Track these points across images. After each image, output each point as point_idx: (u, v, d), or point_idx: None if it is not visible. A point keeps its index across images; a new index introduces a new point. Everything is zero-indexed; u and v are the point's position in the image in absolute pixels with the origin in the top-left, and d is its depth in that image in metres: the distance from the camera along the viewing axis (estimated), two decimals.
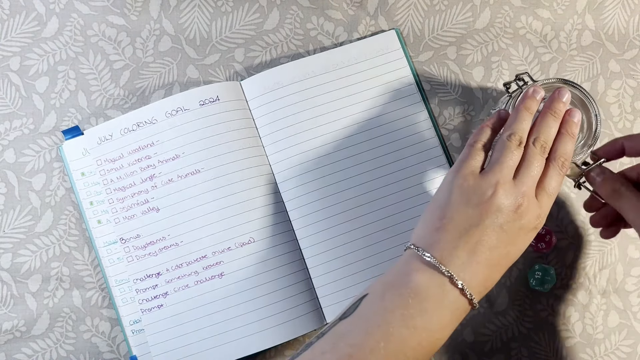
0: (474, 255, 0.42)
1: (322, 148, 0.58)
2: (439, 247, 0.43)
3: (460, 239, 0.43)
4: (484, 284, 0.43)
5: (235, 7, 0.61)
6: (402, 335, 0.41)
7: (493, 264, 0.43)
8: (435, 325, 0.42)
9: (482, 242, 0.43)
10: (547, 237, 0.56)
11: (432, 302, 0.42)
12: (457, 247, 0.42)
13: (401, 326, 0.41)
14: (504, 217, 0.43)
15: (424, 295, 0.42)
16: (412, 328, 0.41)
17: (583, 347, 0.57)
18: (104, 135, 0.57)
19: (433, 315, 0.41)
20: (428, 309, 0.41)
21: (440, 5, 0.61)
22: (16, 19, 0.60)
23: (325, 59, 0.59)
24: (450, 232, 0.43)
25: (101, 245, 0.57)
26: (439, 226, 0.44)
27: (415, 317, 0.41)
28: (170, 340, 0.55)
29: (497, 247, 0.43)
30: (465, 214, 0.43)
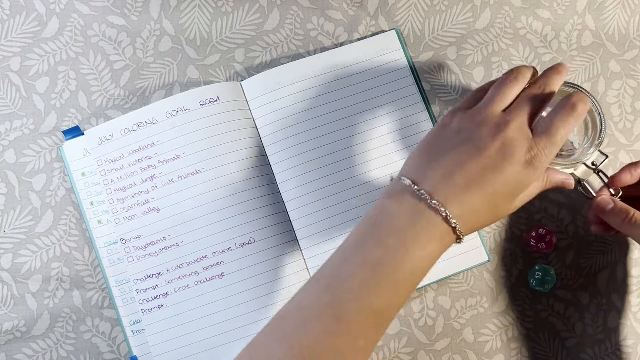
0: (449, 176, 0.41)
1: (322, 148, 0.58)
2: (410, 168, 0.43)
3: (435, 161, 0.42)
4: (460, 205, 0.41)
5: (235, 7, 0.61)
6: (377, 256, 0.40)
7: (473, 190, 0.41)
8: (409, 243, 0.41)
9: (458, 164, 0.42)
10: (547, 237, 0.56)
11: (402, 219, 0.41)
12: (431, 167, 0.42)
13: (375, 246, 0.41)
14: (482, 141, 0.42)
15: (394, 213, 0.41)
16: (386, 247, 0.41)
17: (583, 347, 0.57)
18: (104, 135, 0.57)
19: (406, 233, 0.41)
20: (399, 227, 0.41)
21: (441, 5, 0.61)
22: (16, 19, 0.60)
23: (325, 59, 0.59)
24: (424, 155, 0.43)
25: (101, 245, 0.57)
26: (415, 152, 0.44)
27: (389, 236, 0.41)
28: (170, 340, 0.55)
29: (475, 171, 0.41)
30: (441, 138, 0.43)
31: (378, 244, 0.41)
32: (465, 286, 0.57)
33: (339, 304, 0.40)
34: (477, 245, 0.57)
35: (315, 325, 0.40)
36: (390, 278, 0.40)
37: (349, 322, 0.40)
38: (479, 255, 0.57)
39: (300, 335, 0.40)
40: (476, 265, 0.57)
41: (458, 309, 0.57)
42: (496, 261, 0.58)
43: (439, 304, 0.57)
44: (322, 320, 0.40)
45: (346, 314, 0.40)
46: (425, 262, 0.42)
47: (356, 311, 0.40)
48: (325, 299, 0.40)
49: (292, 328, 0.40)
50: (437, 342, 0.57)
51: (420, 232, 0.41)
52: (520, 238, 0.58)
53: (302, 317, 0.41)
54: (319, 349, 0.39)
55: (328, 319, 0.40)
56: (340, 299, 0.40)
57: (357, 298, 0.40)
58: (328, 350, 0.39)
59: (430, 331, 0.57)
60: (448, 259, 0.56)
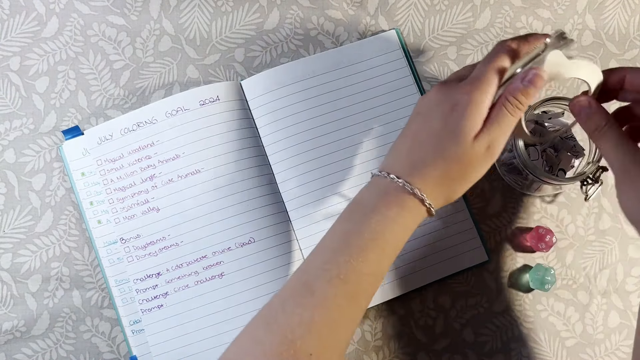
0: (403, 147, 0.46)
1: (322, 148, 0.58)
2: (383, 161, 0.47)
3: (393, 145, 0.47)
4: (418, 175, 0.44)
5: (235, 7, 0.61)
6: (344, 230, 0.45)
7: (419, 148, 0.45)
8: (369, 212, 0.44)
9: (407, 133, 0.46)
10: (547, 237, 0.56)
11: (366, 197, 0.45)
12: (390, 152, 0.47)
13: (343, 222, 0.45)
14: (422, 106, 0.46)
15: (363, 195, 0.46)
16: (352, 221, 0.45)
17: (583, 347, 0.57)
18: (104, 135, 0.57)
19: (367, 205, 0.45)
20: (364, 203, 0.45)
21: (441, 5, 0.61)
22: (16, 19, 0.60)
23: (325, 59, 0.59)
24: (393, 147, 0.47)
25: (101, 245, 0.57)
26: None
27: (355, 212, 0.45)
28: (170, 340, 0.55)
29: (418, 131, 0.45)
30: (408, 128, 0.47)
31: (347, 220, 0.45)
32: (465, 286, 0.57)
33: (312, 279, 0.43)
34: (477, 245, 0.57)
35: (292, 302, 0.43)
36: (354, 246, 0.43)
37: (320, 293, 0.42)
38: (479, 255, 0.57)
39: (279, 315, 0.42)
40: (476, 265, 0.57)
41: (458, 309, 0.57)
42: (496, 261, 0.58)
43: (439, 304, 0.57)
44: (298, 296, 0.43)
45: (318, 286, 0.42)
46: (387, 226, 0.44)
47: (326, 282, 0.42)
48: (301, 279, 0.44)
49: (273, 311, 0.43)
50: (437, 342, 0.57)
51: (378, 202, 0.45)
52: (520, 238, 0.58)
53: (283, 299, 0.43)
54: (294, 323, 0.41)
55: (303, 294, 0.43)
56: (313, 275, 0.43)
57: (326, 270, 0.43)
58: (301, 322, 0.41)
59: (430, 331, 0.57)
60: (448, 258, 0.56)
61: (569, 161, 0.54)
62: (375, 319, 0.57)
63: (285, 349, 0.40)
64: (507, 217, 0.58)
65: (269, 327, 0.42)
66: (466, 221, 0.57)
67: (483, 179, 0.58)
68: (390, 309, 0.57)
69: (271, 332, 0.41)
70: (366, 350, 0.57)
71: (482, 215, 0.58)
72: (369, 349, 0.57)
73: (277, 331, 0.41)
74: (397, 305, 0.57)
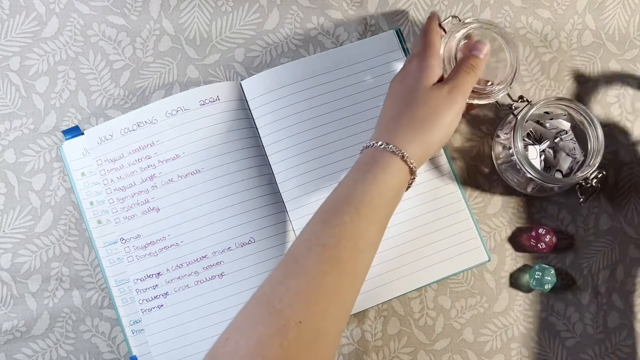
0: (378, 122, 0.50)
1: (322, 148, 0.58)
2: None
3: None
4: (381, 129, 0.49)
5: (235, 7, 0.61)
6: (327, 201, 0.46)
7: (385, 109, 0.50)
8: (346, 176, 0.47)
9: (383, 109, 0.51)
10: (547, 237, 0.56)
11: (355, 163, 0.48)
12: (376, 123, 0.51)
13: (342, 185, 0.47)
14: (392, 87, 0.52)
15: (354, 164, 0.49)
16: (334, 191, 0.47)
17: (583, 347, 0.57)
18: (104, 135, 0.57)
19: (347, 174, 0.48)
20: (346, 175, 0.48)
21: (441, 5, 0.61)
22: (16, 19, 0.60)
23: (325, 59, 0.59)
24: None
25: (101, 245, 0.57)
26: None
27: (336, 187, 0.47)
28: (170, 340, 0.55)
29: (385, 102, 0.51)
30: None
31: (330, 194, 0.47)
32: (465, 286, 0.57)
33: (295, 250, 0.45)
34: (477, 245, 0.57)
35: (277, 274, 0.43)
36: (330, 213, 0.45)
37: (303, 262, 0.43)
38: (479, 255, 0.57)
39: (266, 288, 0.43)
40: (476, 265, 0.57)
41: (458, 309, 0.57)
42: (496, 261, 0.58)
43: (439, 304, 0.57)
44: (283, 268, 0.44)
45: (300, 256, 0.44)
46: (357, 187, 0.45)
47: (307, 250, 0.44)
48: (287, 254, 0.45)
49: (263, 287, 0.43)
50: (437, 342, 0.57)
51: (353, 168, 0.48)
52: (520, 238, 0.58)
53: (271, 275, 0.44)
54: (281, 292, 0.42)
55: (288, 264, 0.44)
56: (296, 246, 0.45)
57: (306, 240, 0.45)
58: (287, 291, 0.42)
59: (430, 331, 0.57)
60: (448, 258, 0.56)
61: (567, 163, 0.55)
62: (375, 319, 0.57)
63: (275, 319, 0.41)
64: (507, 217, 0.58)
65: (258, 301, 0.42)
66: (466, 221, 0.57)
67: (483, 179, 0.58)
68: (390, 309, 0.57)
69: (260, 305, 0.42)
70: (366, 350, 0.57)
71: (482, 215, 0.58)
72: (369, 349, 0.57)
73: (265, 303, 0.42)
74: (397, 305, 0.57)
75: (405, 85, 0.50)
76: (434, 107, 0.48)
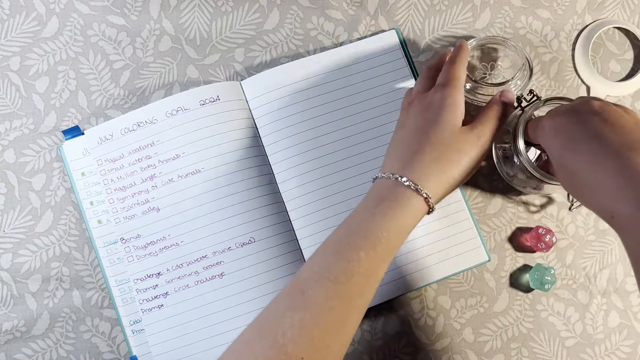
0: (392, 152, 0.49)
1: (322, 148, 0.58)
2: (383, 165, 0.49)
3: (395, 151, 0.49)
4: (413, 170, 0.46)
5: (235, 7, 0.61)
6: (340, 233, 0.45)
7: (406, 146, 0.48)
8: (359, 209, 0.45)
9: (394, 140, 0.50)
10: (547, 237, 0.56)
11: (362, 200, 0.47)
12: (390, 156, 0.49)
13: (341, 227, 0.45)
14: (402, 118, 0.51)
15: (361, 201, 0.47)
16: (346, 222, 0.45)
17: (583, 347, 0.57)
18: (104, 135, 0.57)
19: (360, 204, 0.46)
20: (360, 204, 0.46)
21: (441, 5, 0.61)
22: (16, 19, 0.60)
23: (325, 59, 0.59)
24: (390, 150, 0.50)
25: (101, 245, 0.57)
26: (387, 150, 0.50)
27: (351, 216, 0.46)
28: (170, 340, 0.55)
29: (402, 136, 0.49)
30: (401, 130, 0.50)
31: (341, 226, 0.46)
32: (465, 286, 0.57)
33: (303, 281, 0.43)
34: (477, 245, 0.57)
35: (283, 304, 0.42)
36: (343, 246, 0.44)
37: (311, 295, 0.42)
38: (479, 255, 0.57)
39: (270, 318, 0.42)
40: (476, 265, 0.57)
41: (458, 309, 0.57)
42: (496, 261, 0.58)
43: (439, 304, 0.57)
44: (289, 299, 0.42)
45: (308, 288, 0.42)
46: (375, 223, 0.44)
47: (315, 283, 0.42)
48: (295, 282, 0.43)
49: (266, 314, 0.43)
50: (437, 342, 0.57)
51: (371, 202, 0.46)
52: (520, 238, 0.58)
53: (275, 302, 0.43)
54: (285, 326, 0.41)
55: (294, 296, 0.42)
56: (305, 278, 0.43)
57: (315, 272, 0.43)
58: (292, 325, 0.41)
59: (430, 331, 0.57)
60: (448, 258, 0.56)
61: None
62: (375, 319, 0.57)
63: (276, 353, 0.40)
64: (507, 217, 0.58)
65: (261, 330, 0.41)
66: (466, 221, 0.57)
67: (483, 179, 0.58)
68: (390, 309, 0.57)
69: (262, 336, 0.41)
70: (366, 350, 0.57)
71: (482, 215, 0.58)
72: (369, 349, 0.57)
73: (268, 334, 0.41)
74: (397, 305, 0.57)
75: (428, 118, 0.48)
76: (463, 151, 0.47)
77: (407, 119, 0.50)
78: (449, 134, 0.47)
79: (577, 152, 0.42)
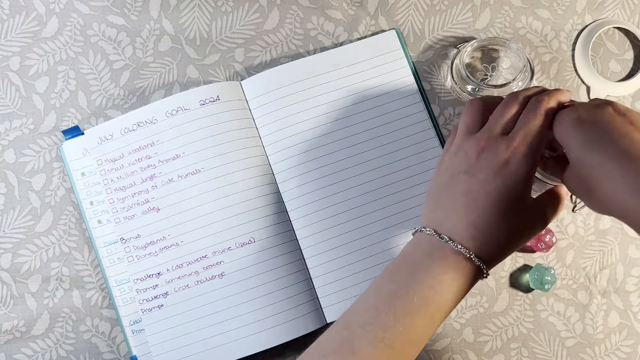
0: (453, 203, 0.43)
1: (322, 148, 0.58)
2: (427, 217, 0.45)
3: (436, 198, 0.45)
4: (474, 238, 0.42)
5: (235, 7, 0.61)
6: (390, 290, 0.42)
7: (477, 209, 0.42)
8: (420, 275, 0.42)
9: (456, 191, 0.43)
10: (547, 237, 0.56)
11: (416, 256, 0.43)
12: (435, 207, 0.44)
13: (389, 282, 0.43)
14: (465, 164, 0.44)
15: (410, 252, 0.44)
16: (398, 281, 0.42)
17: (583, 347, 0.57)
18: (104, 135, 0.57)
19: (418, 266, 0.42)
20: (413, 262, 0.42)
21: (441, 5, 0.61)
22: (16, 18, 0.60)
23: (325, 59, 0.59)
24: (430, 197, 0.46)
25: (101, 245, 0.57)
26: (429, 198, 0.46)
27: (402, 271, 0.43)
28: (170, 340, 0.55)
29: (470, 191, 0.43)
30: (439, 177, 0.45)
31: (392, 280, 0.43)
32: None
33: (354, 338, 0.41)
34: None
35: (330, 348, 0.41)
36: (400, 309, 0.41)
37: (362, 356, 0.40)
38: None
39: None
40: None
41: (458, 309, 0.57)
42: None
43: None
44: (338, 355, 0.41)
45: (360, 347, 0.41)
46: (438, 292, 0.42)
47: (368, 344, 0.41)
48: (342, 335, 0.42)
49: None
50: (437, 342, 0.57)
51: (432, 264, 0.42)
52: None
53: (322, 353, 0.42)
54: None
55: (343, 353, 0.41)
56: (355, 334, 0.41)
57: (369, 331, 0.41)
58: None
59: None
60: None
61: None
62: None
63: None
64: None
65: None
66: None
67: None
68: None
69: None
70: None
71: None
72: None
73: None
74: None
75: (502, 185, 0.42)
76: (531, 228, 0.44)
77: (479, 168, 0.43)
78: (527, 210, 0.43)
79: (602, 148, 0.40)
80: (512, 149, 0.43)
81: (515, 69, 0.58)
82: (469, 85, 0.57)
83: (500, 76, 0.59)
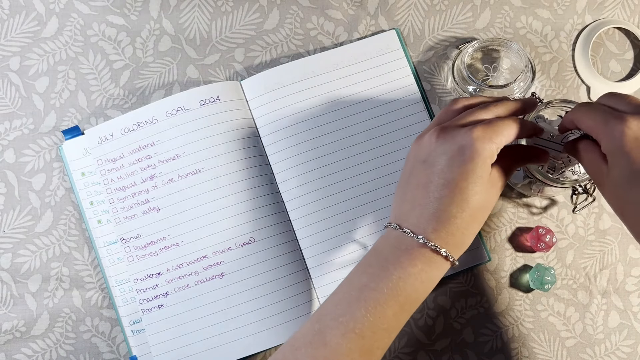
0: (414, 196, 0.44)
1: (322, 148, 0.58)
2: (394, 212, 0.46)
3: (401, 191, 0.46)
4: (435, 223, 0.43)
5: (235, 7, 0.61)
6: (361, 283, 0.43)
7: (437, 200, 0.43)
8: (390, 267, 0.43)
9: (417, 183, 0.44)
10: (547, 237, 0.56)
11: (386, 249, 0.44)
12: (400, 201, 0.45)
13: (360, 274, 0.44)
14: (425, 152, 0.44)
15: (380, 247, 0.45)
16: (369, 274, 0.43)
17: (583, 347, 0.57)
18: (104, 135, 0.57)
19: (387, 259, 0.43)
20: (383, 255, 0.44)
21: (441, 5, 0.61)
22: (16, 18, 0.60)
23: (325, 59, 0.59)
24: (397, 190, 0.47)
25: (101, 245, 0.57)
26: (396, 194, 0.47)
27: (372, 265, 0.44)
28: (170, 340, 0.55)
29: (429, 183, 0.43)
30: (404, 169, 0.47)
31: (363, 273, 0.44)
32: (465, 286, 0.57)
33: (325, 330, 0.42)
34: (477, 245, 0.57)
35: (303, 351, 0.42)
36: (371, 301, 0.42)
37: (334, 346, 0.41)
38: (479, 255, 0.57)
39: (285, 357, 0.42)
40: (476, 265, 0.57)
41: (458, 309, 0.57)
42: (496, 261, 0.58)
43: (439, 304, 0.57)
44: (310, 346, 0.42)
45: (331, 338, 0.42)
46: (408, 283, 0.43)
47: (339, 335, 0.42)
48: (314, 328, 0.43)
49: (285, 358, 0.42)
50: (437, 342, 0.57)
51: (401, 257, 0.43)
52: (520, 238, 0.58)
53: (295, 346, 0.43)
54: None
55: (315, 344, 0.42)
56: (327, 325, 0.42)
57: (341, 323, 0.42)
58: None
59: (430, 331, 0.57)
60: None
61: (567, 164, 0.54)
62: None
63: None
64: (507, 217, 0.58)
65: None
66: None
67: None
68: None
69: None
70: None
71: None
72: None
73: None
74: None
75: (459, 173, 0.42)
76: (490, 208, 0.44)
77: (436, 158, 0.43)
78: (486, 193, 0.43)
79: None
80: (469, 136, 0.42)
81: (516, 70, 0.58)
82: (470, 86, 0.57)
83: (501, 77, 0.59)
